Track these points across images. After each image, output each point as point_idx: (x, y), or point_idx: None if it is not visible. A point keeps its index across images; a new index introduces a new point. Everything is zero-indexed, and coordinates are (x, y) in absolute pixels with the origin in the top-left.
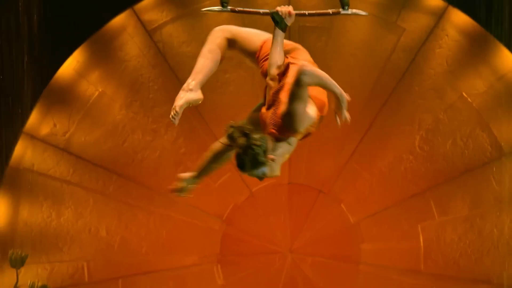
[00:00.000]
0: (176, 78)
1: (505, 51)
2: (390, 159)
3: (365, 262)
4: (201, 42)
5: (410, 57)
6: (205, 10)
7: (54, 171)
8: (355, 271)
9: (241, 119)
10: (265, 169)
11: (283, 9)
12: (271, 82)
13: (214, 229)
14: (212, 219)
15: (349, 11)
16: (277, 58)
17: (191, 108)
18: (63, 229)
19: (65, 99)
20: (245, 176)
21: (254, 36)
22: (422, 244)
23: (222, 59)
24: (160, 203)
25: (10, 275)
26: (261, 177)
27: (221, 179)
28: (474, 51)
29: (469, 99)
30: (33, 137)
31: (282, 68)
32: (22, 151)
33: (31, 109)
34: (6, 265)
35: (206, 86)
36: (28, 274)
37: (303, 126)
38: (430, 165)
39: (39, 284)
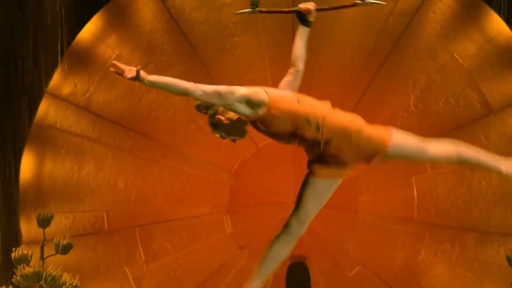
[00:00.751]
0: (188, 42)
1: (494, 15)
2: (386, 116)
3: (363, 211)
4: (211, 8)
5: (406, 21)
6: (237, 13)
7: (75, 128)
8: (353, 220)
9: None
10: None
11: (304, 6)
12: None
13: (223, 182)
14: (222, 173)
15: (367, 1)
16: (302, 52)
17: (201, 68)
18: (84, 182)
19: (85, 61)
20: (252, 133)
21: None
22: (415, 195)
23: None
24: (174, 157)
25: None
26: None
27: None
28: (466, 16)
29: (460, 61)
30: (55, 96)
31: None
32: (45, 110)
33: (53, 71)
34: (33, 214)
35: (215, 48)
36: (52, 223)
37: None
38: (424, 122)
39: (64, 242)
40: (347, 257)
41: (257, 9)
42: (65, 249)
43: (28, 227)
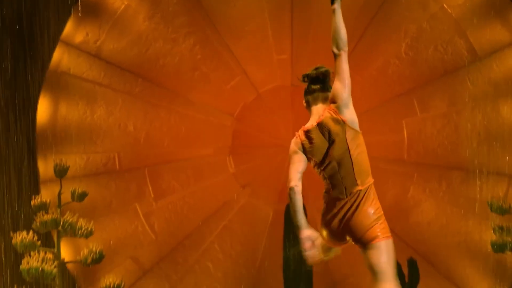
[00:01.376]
0: None
1: None
2: (379, 64)
3: None
4: None
5: None
6: None
7: (87, 74)
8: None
9: None
10: None
11: None
12: None
13: (226, 125)
14: (225, 117)
15: None
16: (342, 33)
17: (205, 18)
18: (96, 125)
19: (95, 11)
20: (253, 78)
21: None
22: (406, 137)
23: None
24: (179, 102)
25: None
26: None
27: (232, 82)
28: None
29: (449, 10)
30: (68, 44)
31: None
32: (59, 57)
33: (66, 20)
34: (49, 154)
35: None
36: (67, 163)
37: None
38: (414, 69)
39: (79, 190)
40: None
41: None
42: (80, 197)
43: (45, 166)
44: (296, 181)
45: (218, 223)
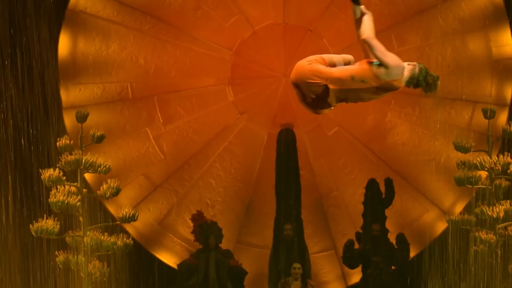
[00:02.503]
0: None
1: None
2: (361, 3)
3: None
4: None
5: None
6: None
7: (102, 13)
8: None
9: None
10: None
11: None
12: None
13: (226, 59)
14: (224, 51)
15: None
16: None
17: None
18: (111, 58)
19: None
20: (250, 16)
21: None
22: None
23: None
24: (184, 38)
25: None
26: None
27: (231, 20)
28: None
29: None
30: None
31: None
32: None
33: None
34: (70, 84)
35: None
36: (86, 91)
37: None
38: (392, 7)
39: (98, 133)
40: (327, 120)
41: None
42: (99, 139)
43: (66, 95)
44: None
45: (219, 145)
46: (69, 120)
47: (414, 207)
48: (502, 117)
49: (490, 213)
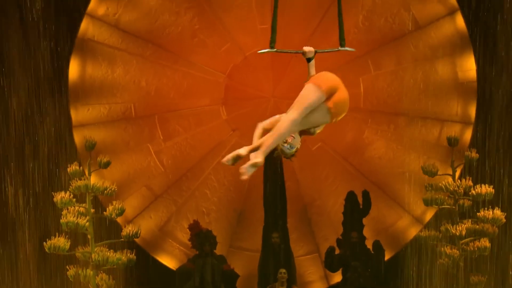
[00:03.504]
0: None
1: None
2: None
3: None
4: None
5: None
6: (260, 52)
7: (108, 41)
8: None
9: None
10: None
11: (305, 48)
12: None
13: (219, 82)
14: (218, 75)
15: (342, 49)
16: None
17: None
18: (116, 81)
19: None
20: (241, 44)
21: None
22: (362, 90)
23: None
24: (182, 63)
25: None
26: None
27: (224, 47)
28: None
29: None
30: (93, 17)
31: None
32: (86, 27)
33: None
34: (79, 105)
35: None
36: (94, 111)
37: None
38: (369, 36)
39: (105, 160)
40: (311, 136)
41: (274, 49)
42: (106, 165)
43: (76, 114)
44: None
45: (214, 159)
46: (78, 137)
47: (389, 214)
48: (467, 134)
49: (454, 231)
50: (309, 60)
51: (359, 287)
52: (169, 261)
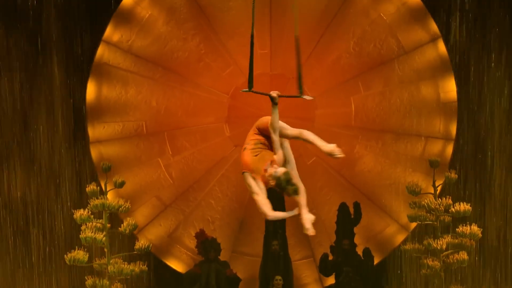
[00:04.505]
0: (198, 5)
1: None
2: (334, 56)
3: (318, 121)
4: None
5: None
6: (242, 91)
7: (122, 64)
8: (311, 127)
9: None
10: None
11: (272, 93)
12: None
13: (223, 102)
14: (222, 95)
15: (303, 96)
16: (275, 123)
17: (207, 24)
18: (129, 101)
19: (127, 19)
20: (243, 67)
21: None
22: (353, 109)
23: None
24: (189, 85)
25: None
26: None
27: (228, 70)
28: None
29: (384, 17)
30: (108, 43)
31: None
32: (102, 52)
33: (106, 26)
34: (96, 122)
35: (216, 8)
36: (109, 128)
37: None
38: (359, 59)
39: (120, 180)
40: (307, 151)
41: (252, 89)
42: (121, 185)
43: (92, 131)
44: None
45: (218, 172)
46: (94, 151)
47: (378, 222)
48: (449, 149)
49: (435, 245)
50: (274, 102)
51: None
52: (177, 265)
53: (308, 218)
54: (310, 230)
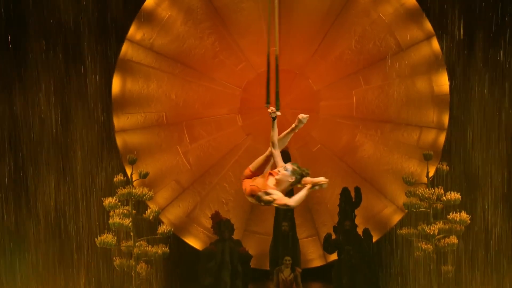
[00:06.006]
0: (213, 6)
1: None
2: (337, 53)
3: (322, 112)
4: None
5: None
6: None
7: (144, 61)
8: (316, 117)
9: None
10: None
11: (270, 108)
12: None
13: (236, 94)
14: (235, 88)
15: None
16: (275, 138)
17: (222, 24)
18: (150, 94)
19: (149, 19)
20: (254, 63)
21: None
22: (354, 101)
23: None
24: (205, 79)
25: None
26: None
27: (240, 65)
28: None
29: (383, 17)
30: (132, 41)
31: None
32: (126, 49)
33: (129, 26)
34: (120, 113)
35: (230, 10)
36: (132, 119)
37: None
38: (360, 56)
39: (144, 172)
40: (312, 140)
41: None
42: (145, 176)
43: (117, 121)
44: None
45: (231, 158)
46: (119, 139)
47: (376, 204)
48: (441, 138)
49: (428, 230)
50: (274, 119)
51: (351, 267)
52: (194, 243)
53: (319, 178)
54: (323, 179)
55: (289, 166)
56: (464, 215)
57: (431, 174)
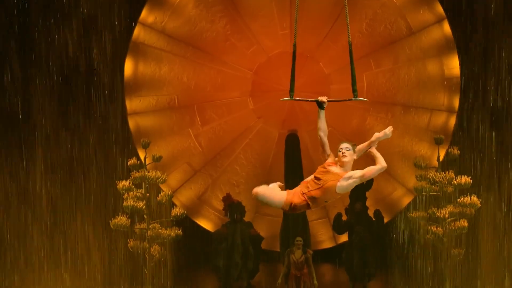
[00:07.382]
0: None
1: None
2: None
3: (333, 96)
4: None
5: None
6: (282, 100)
7: (156, 44)
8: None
9: None
10: None
11: (321, 98)
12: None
13: (247, 77)
14: (246, 72)
15: (356, 99)
16: (324, 127)
17: (233, 7)
18: (162, 77)
19: (161, 2)
20: (265, 46)
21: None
22: (365, 84)
23: None
24: (216, 62)
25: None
26: None
27: (251, 49)
28: None
29: (394, 0)
30: (144, 24)
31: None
32: (138, 32)
33: (141, 9)
34: (133, 96)
35: None
36: (144, 102)
37: None
38: (371, 39)
39: (157, 156)
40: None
41: (293, 97)
42: (158, 159)
43: (130, 104)
44: None
45: (243, 141)
46: (132, 122)
47: (386, 186)
48: (452, 120)
49: (438, 214)
50: (322, 107)
51: (362, 248)
52: (206, 224)
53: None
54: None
55: (345, 145)
56: (474, 199)
57: (441, 156)
